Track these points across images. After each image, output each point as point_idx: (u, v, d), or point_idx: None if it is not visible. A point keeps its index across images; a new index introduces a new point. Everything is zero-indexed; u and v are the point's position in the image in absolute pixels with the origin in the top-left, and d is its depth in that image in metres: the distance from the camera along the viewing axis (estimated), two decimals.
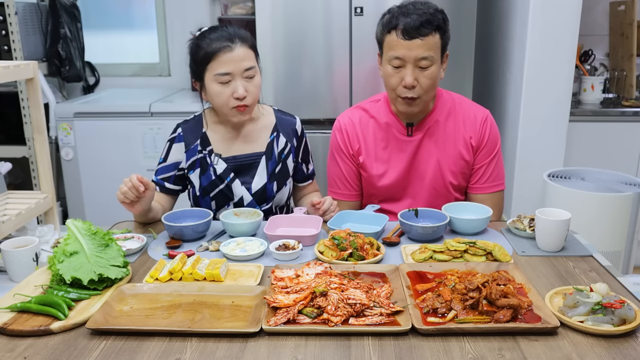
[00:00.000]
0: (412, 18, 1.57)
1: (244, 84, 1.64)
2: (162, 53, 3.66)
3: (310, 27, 2.60)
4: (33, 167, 3.06)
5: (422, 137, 1.76)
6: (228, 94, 1.64)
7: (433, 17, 1.59)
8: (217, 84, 1.64)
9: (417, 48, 1.59)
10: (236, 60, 1.62)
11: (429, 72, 1.62)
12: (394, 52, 1.61)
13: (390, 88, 1.68)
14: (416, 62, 1.60)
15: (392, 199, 1.83)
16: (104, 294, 1.22)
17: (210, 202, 1.77)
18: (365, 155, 1.80)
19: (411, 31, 1.57)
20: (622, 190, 2.41)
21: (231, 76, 1.63)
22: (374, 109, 1.81)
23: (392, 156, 1.79)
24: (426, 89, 1.64)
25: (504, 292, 1.10)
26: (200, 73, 1.67)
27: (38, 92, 1.67)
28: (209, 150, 1.75)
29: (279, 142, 1.80)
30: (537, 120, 2.63)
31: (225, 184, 1.75)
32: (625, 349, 1.01)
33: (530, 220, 1.55)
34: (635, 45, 3.06)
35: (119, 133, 2.94)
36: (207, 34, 1.66)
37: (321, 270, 1.25)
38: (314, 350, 1.02)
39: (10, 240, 1.42)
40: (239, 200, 1.76)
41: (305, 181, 1.91)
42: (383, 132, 1.79)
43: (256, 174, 1.77)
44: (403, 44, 1.59)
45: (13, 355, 1.02)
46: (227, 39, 1.63)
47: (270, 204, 1.80)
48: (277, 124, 1.82)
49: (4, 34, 2.90)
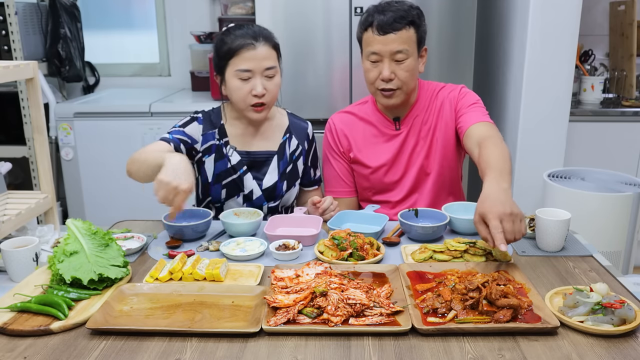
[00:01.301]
0: (386, 15, 1.66)
1: (264, 82, 1.67)
2: (162, 53, 3.66)
3: (310, 27, 2.60)
4: (33, 167, 3.06)
5: (410, 128, 1.82)
6: (247, 91, 1.67)
7: (406, 13, 1.67)
8: (237, 80, 1.67)
9: (392, 42, 1.66)
10: (258, 59, 1.65)
11: (405, 65, 1.69)
12: (370, 47, 1.69)
13: (369, 82, 1.76)
14: (392, 55, 1.67)
15: (387, 189, 1.88)
16: (104, 294, 1.22)
17: (221, 191, 1.78)
18: (355, 150, 1.86)
19: (385, 26, 1.65)
20: (622, 190, 2.41)
21: (252, 73, 1.66)
22: (361, 110, 1.89)
23: (382, 149, 1.84)
24: (404, 81, 1.70)
25: (504, 292, 1.10)
26: (222, 67, 1.70)
27: (38, 92, 1.67)
28: (225, 141, 1.77)
29: (291, 143, 1.83)
30: (537, 121, 2.63)
31: (238, 175, 1.77)
32: (625, 349, 1.01)
33: (530, 220, 1.55)
34: (635, 45, 3.06)
35: (119, 133, 2.94)
36: (232, 30, 1.69)
37: (321, 270, 1.25)
38: (314, 350, 1.02)
39: (10, 240, 1.42)
40: (249, 193, 1.78)
41: (311, 186, 1.93)
42: (371, 129, 1.86)
43: (268, 171, 1.79)
44: (378, 39, 1.67)
45: (13, 355, 1.02)
46: (251, 37, 1.66)
47: (277, 202, 1.83)
48: (290, 126, 1.85)
49: (4, 34, 2.90)
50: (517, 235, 1.26)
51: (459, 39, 2.61)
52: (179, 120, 1.78)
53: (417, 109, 1.82)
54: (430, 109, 1.82)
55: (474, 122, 1.70)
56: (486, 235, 1.27)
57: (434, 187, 1.84)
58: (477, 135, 1.63)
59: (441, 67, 2.64)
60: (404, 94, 1.74)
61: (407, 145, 1.83)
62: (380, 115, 1.85)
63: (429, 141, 1.81)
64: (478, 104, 1.79)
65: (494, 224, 1.25)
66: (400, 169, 1.84)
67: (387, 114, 1.84)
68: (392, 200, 1.87)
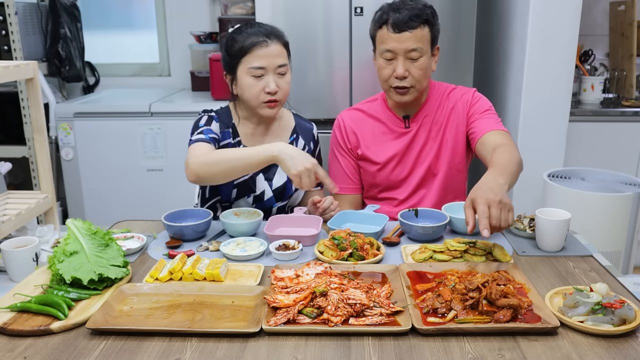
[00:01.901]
0: (402, 13, 1.67)
1: (276, 80, 1.68)
2: (162, 53, 3.66)
3: (310, 27, 2.60)
4: (33, 167, 3.06)
5: (419, 127, 1.83)
6: (260, 88, 1.67)
7: (421, 12, 1.68)
8: (250, 77, 1.67)
9: (407, 40, 1.67)
10: (271, 56, 1.66)
11: (419, 63, 1.70)
12: (385, 45, 1.70)
13: (383, 80, 1.76)
14: (406, 53, 1.68)
15: (393, 187, 1.88)
16: (104, 294, 1.22)
17: (232, 190, 1.78)
18: (364, 147, 1.87)
19: (400, 24, 1.66)
20: (622, 190, 2.41)
21: (264, 70, 1.66)
22: (371, 108, 1.89)
23: (390, 147, 1.84)
24: (418, 79, 1.71)
25: (504, 292, 1.10)
26: (234, 66, 1.69)
27: (38, 92, 1.67)
28: (237, 141, 1.77)
29: (298, 143, 1.84)
30: (537, 121, 2.63)
31: (250, 175, 1.76)
32: (625, 349, 1.01)
33: (530, 220, 1.55)
34: (635, 45, 3.06)
35: (119, 133, 2.94)
36: (244, 29, 1.70)
37: (321, 270, 1.25)
38: (314, 350, 1.02)
39: (10, 240, 1.42)
40: (260, 194, 1.78)
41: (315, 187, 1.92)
42: (380, 126, 1.86)
43: (277, 172, 1.80)
44: (393, 37, 1.68)
45: (13, 355, 1.02)
46: (264, 35, 1.67)
47: (286, 202, 1.84)
48: (297, 127, 1.86)
49: (4, 34, 2.90)
50: (503, 223, 1.28)
51: (459, 39, 2.61)
52: (196, 120, 1.74)
53: (428, 108, 1.83)
54: (441, 109, 1.82)
55: (489, 129, 1.71)
56: (470, 218, 1.29)
57: (440, 188, 1.83)
58: (492, 143, 1.64)
59: (441, 67, 2.63)
60: (417, 92, 1.75)
61: (415, 144, 1.83)
62: (390, 113, 1.85)
63: (439, 141, 1.82)
64: (491, 110, 1.80)
65: (481, 209, 1.27)
66: (408, 167, 1.84)
67: (397, 112, 1.84)
68: (398, 197, 1.87)
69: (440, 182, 1.83)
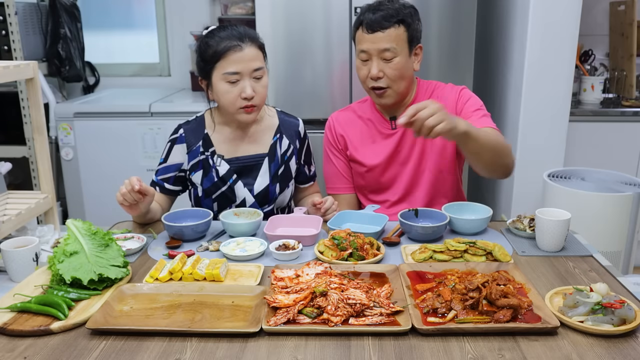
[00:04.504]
0: (376, 14, 1.67)
1: (252, 84, 1.64)
2: (162, 53, 3.66)
3: (310, 27, 2.60)
4: (33, 167, 3.06)
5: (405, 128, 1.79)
6: (236, 94, 1.64)
7: (397, 12, 1.68)
8: (225, 83, 1.63)
9: (380, 40, 1.67)
10: (246, 60, 1.62)
11: (394, 64, 1.69)
12: (360, 45, 1.72)
13: (361, 81, 1.78)
14: (379, 53, 1.68)
15: (382, 189, 1.88)
16: (104, 294, 1.22)
17: (212, 204, 1.77)
18: (352, 149, 1.87)
19: (373, 25, 1.67)
20: (622, 190, 2.41)
21: (240, 76, 1.63)
22: (361, 109, 1.90)
23: (378, 148, 1.84)
24: (393, 79, 1.71)
25: (504, 292, 1.10)
26: (208, 71, 1.66)
27: (38, 92, 1.67)
28: (211, 152, 1.74)
29: (282, 143, 1.80)
30: (537, 120, 2.63)
31: (228, 185, 1.74)
32: (625, 349, 1.01)
33: (530, 220, 1.55)
34: (635, 45, 3.05)
35: (119, 133, 2.94)
36: (216, 32, 1.65)
37: (321, 270, 1.25)
38: (314, 350, 1.02)
39: (10, 240, 1.42)
40: (241, 202, 1.76)
41: (307, 182, 1.92)
42: (368, 127, 1.87)
43: (259, 175, 1.77)
44: (367, 38, 1.69)
45: (13, 355, 1.02)
46: (237, 38, 1.62)
47: (272, 206, 1.80)
48: (280, 126, 1.82)
49: (4, 34, 2.90)
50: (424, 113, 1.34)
51: (459, 39, 2.61)
52: (163, 149, 1.78)
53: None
54: None
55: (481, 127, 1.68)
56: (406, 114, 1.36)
57: (429, 188, 1.82)
58: None
59: (441, 67, 2.64)
60: (395, 93, 1.74)
61: (402, 145, 1.82)
62: (378, 114, 1.85)
63: (426, 143, 1.80)
64: (482, 109, 1.78)
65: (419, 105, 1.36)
66: (395, 169, 1.84)
67: (383, 113, 1.84)
68: (389, 199, 1.86)
69: (429, 182, 1.82)
